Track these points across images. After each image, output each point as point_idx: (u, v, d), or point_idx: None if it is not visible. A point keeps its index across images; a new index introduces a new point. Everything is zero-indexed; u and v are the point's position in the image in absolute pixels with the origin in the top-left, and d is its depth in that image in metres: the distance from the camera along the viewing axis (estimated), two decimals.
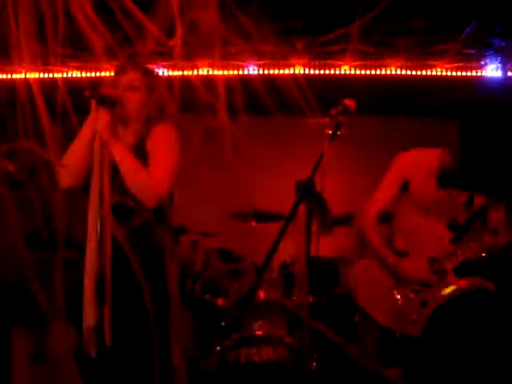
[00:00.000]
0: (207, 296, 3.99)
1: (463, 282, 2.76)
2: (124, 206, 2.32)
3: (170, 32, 1.89)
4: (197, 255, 4.10)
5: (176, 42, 1.75)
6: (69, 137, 2.40)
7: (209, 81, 2.33)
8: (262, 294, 3.81)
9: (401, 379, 2.60)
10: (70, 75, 4.93)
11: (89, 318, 2.30)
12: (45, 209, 2.40)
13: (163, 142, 2.51)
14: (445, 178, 2.77)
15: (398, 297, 2.78)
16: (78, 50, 4.55)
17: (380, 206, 2.83)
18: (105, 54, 2.15)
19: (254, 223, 4.11)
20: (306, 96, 2.55)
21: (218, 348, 3.66)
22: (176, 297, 2.15)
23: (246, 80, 4.69)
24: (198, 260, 4.09)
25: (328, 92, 4.74)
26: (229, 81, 2.26)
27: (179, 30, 1.71)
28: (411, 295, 2.76)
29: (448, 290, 2.72)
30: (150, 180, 2.38)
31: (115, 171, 2.34)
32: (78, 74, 4.94)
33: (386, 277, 2.83)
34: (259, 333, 3.70)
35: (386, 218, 2.85)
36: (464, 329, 2.69)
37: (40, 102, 1.93)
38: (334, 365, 3.47)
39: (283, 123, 4.25)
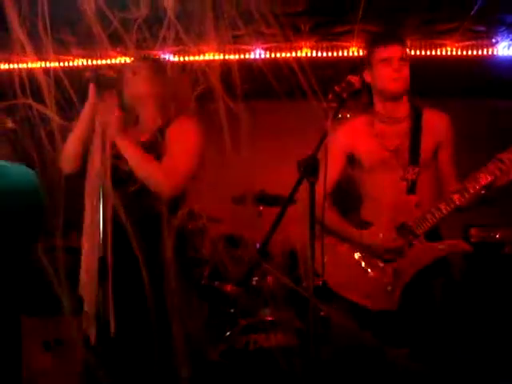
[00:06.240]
0: (216, 283, 3.95)
1: (440, 245, 2.63)
2: (119, 170, 2.31)
3: None
4: (204, 241, 4.05)
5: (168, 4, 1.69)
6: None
7: (214, 65, 2.30)
8: (270, 280, 3.77)
9: (406, 360, 2.53)
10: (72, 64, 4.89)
11: (89, 303, 2.28)
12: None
13: (181, 136, 2.49)
14: None
15: (368, 269, 2.69)
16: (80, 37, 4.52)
17: (328, 189, 2.73)
18: (107, 40, 2.13)
19: (261, 208, 4.06)
20: (313, 79, 2.49)
21: (227, 334, 3.64)
22: (172, 266, 2.12)
23: (251, 64, 4.63)
24: (206, 246, 4.04)
25: (336, 74, 4.69)
26: (234, 65, 2.22)
27: None
28: (382, 265, 2.65)
29: (426, 255, 2.61)
30: (161, 173, 2.37)
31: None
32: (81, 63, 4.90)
33: (352, 250, 2.73)
34: (268, 319, 3.67)
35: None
36: (447, 292, 2.64)
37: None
38: (345, 350, 3.42)
39: (289, 107, 4.18)
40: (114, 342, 2.28)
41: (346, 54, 4.92)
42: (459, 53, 4.83)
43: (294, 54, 4.89)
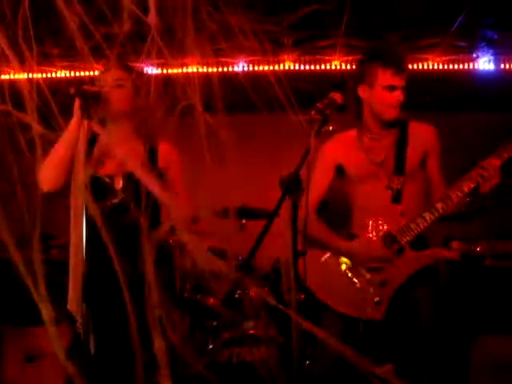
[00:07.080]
0: (198, 296, 3.92)
1: (425, 253, 2.67)
2: (99, 184, 2.30)
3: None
4: (186, 255, 4.03)
5: (151, 19, 1.67)
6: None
7: (195, 78, 2.30)
8: (253, 293, 3.75)
9: (391, 376, 2.51)
10: (55, 75, 4.86)
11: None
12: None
13: (179, 173, 2.79)
14: None
15: (355, 280, 2.69)
16: (65, 49, 4.50)
17: (315, 201, 2.74)
18: (89, 51, 2.11)
19: (243, 220, 4.05)
20: (294, 93, 2.50)
21: (210, 348, 3.62)
22: (153, 280, 2.11)
23: (233, 77, 4.63)
24: (187, 260, 4.02)
25: (319, 87, 4.71)
26: (216, 78, 2.22)
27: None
28: (368, 276, 2.66)
29: (411, 264, 2.63)
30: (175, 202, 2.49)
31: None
32: (64, 74, 4.87)
33: (339, 262, 2.73)
34: (251, 332, 3.65)
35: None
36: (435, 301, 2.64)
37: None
38: (327, 363, 3.42)
39: (271, 120, 4.19)
40: (95, 355, 2.26)
41: (328, 67, 4.95)
42: (441, 67, 4.88)
43: (276, 68, 4.90)
